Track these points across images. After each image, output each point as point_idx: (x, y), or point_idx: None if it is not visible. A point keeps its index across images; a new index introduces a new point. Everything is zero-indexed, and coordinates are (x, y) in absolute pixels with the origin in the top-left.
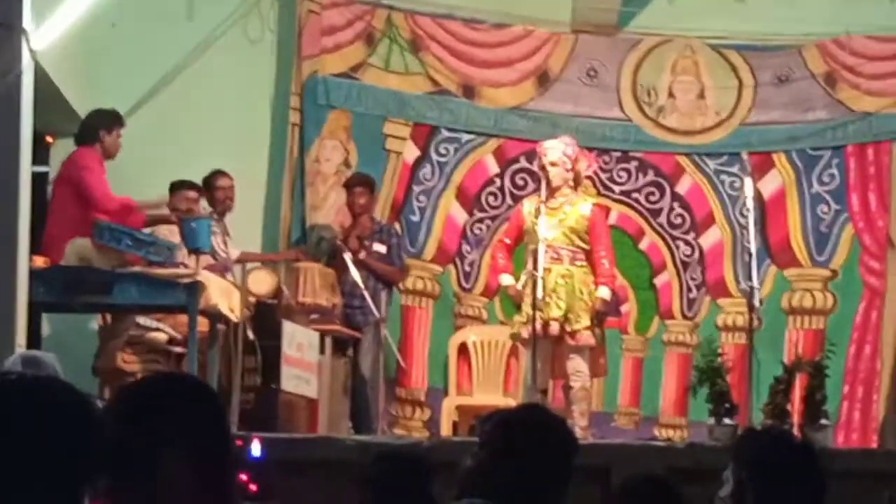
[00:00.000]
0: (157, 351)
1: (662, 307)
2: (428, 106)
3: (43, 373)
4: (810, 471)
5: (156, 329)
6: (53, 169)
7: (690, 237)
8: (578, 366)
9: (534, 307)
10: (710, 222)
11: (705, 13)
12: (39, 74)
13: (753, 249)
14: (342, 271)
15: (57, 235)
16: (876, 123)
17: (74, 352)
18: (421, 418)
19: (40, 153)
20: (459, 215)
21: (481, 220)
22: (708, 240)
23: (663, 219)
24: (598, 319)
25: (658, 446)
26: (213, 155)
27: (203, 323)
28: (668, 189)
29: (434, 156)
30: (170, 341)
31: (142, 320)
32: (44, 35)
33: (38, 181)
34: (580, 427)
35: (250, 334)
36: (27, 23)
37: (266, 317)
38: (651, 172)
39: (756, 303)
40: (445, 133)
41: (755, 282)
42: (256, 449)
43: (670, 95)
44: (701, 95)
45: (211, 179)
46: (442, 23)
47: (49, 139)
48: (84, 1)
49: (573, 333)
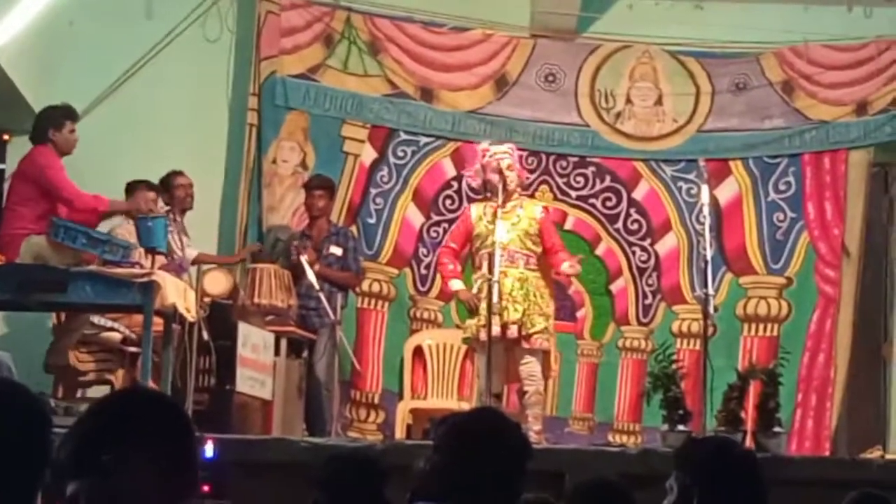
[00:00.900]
0: (112, 350)
1: (618, 313)
2: (386, 108)
3: None
4: (753, 477)
5: (110, 328)
6: (10, 166)
7: (647, 243)
8: (533, 370)
9: (489, 311)
10: (667, 229)
11: (664, 20)
12: None
13: (709, 256)
14: (298, 273)
15: (13, 233)
16: (832, 132)
17: (30, 350)
18: (375, 421)
19: None
20: (416, 218)
21: (438, 224)
22: (664, 246)
23: (620, 224)
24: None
25: (612, 452)
26: (170, 155)
27: (158, 323)
28: (625, 195)
29: (391, 158)
30: (124, 341)
31: (97, 319)
32: (2, 32)
33: None
34: (534, 431)
35: (205, 335)
36: None
37: (221, 317)
38: (608, 178)
39: (711, 310)
40: (403, 136)
41: (710, 289)
42: (210, 450)
43: (628, 101)
44: (658, 102)
45: (169, 179)
46: (401, 25)
47: (6, 136)
48: None
49: (528, 337)
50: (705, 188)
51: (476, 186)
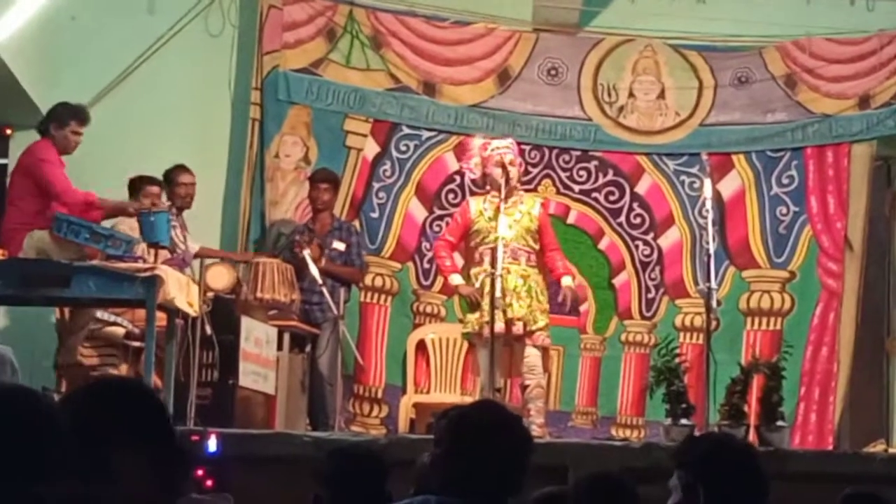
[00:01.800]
0: (115, 345)
1: (621, 307)
2: (388, 103)
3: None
4: (754, 470)
5: (114, 323)
6: (12, 161)
7: (649, 237)
8: (535, 363)
9: (492, 306)
10: (670, 223)
11: (666, 14)
12: None
13: (712, 250)
14: (301, 268)
15: (15, 228)
16: (835, 126)
17: (32, 345)
18: (378, 416)
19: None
20: (419, 212)
21: (441, 218)
22: (667, 240)
23: (623, 219)
24: (574, 306)
25: (615, 446)
26: (173, 149)
27: (161, 317)
28: (628, 189)
29: (394, 152)
30: (127, 335)
31: (100, 314)
32: (4, 27)
33: None
34: (537, 425)
35: (208, 329)
36: None
37: (224, 312)
38: (611, 172)
39: (714, 304)
40: (406, 130)
41: (713, 283)
42: (213, 444)
43: (631, 95)
44: (661, 95)
45: (173, 174)
46: (403, 20)
47: (8, 131)
48: None
49: (531, 334)
50: (708, 182)
51: (476, 179)
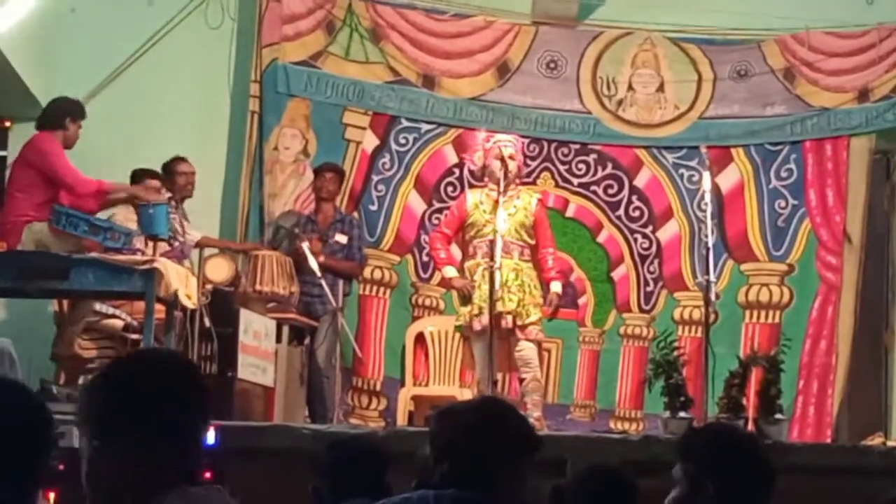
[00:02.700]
0: (114, 337)
1: (619, 300)
2: (388, 95)
3: None
4: (758, 459)
5: (112, 315)
6: (11, 153)
7: (648, 230)
8: (529, 357)
9: (492, 299)
10: (668, 216)
11: (665, 7)
12: None
13: (711, 243)
14: (301, 261)
15: (14, 220)
16: (834, 119)
17: (31, 337)
18: (377, 408)
19: None
20: (418, 205)
21: (440, 211)
22: (666, 233)
23: (621, 212)
24: (554, 313)
25: (613, 439)
26: (172, 141)
27: (160, 310)
28: (627, 182)
29: (393, 145)
30: (126, 328)
31: (99, 306)
32: (3, 19)
33: None
34: (534, 418)
35: (207, 322)
36: None
37: (223, 304)
38: (610, 165)
39: (712, 297)
40: (405, 123)
41: (712, 276)
42: (211, 437)
43: (630, 88)
44: (660, 89)
45: (171, 165)
46: (403, 12)
47: (7, 123)
48: None
49: (523, 328)
50: (707, 175)
51: (475, 171)
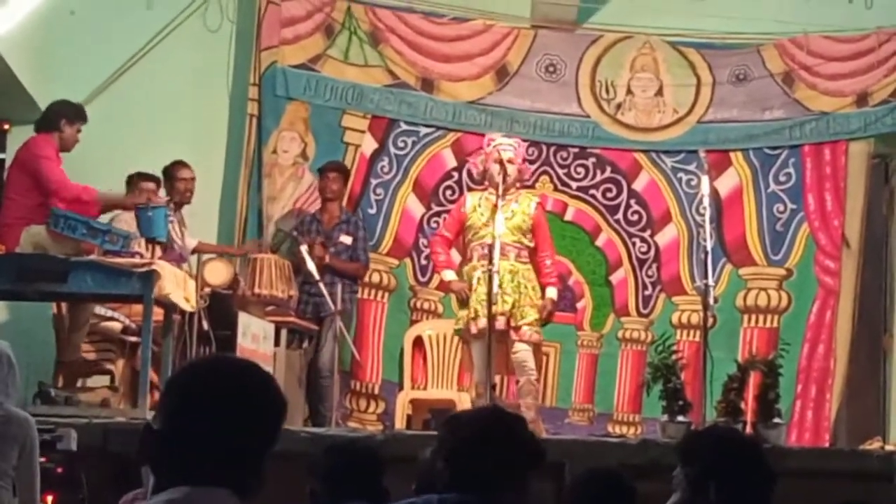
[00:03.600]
0: (112, 340)
1: (618, 304)
2: (386, 99)
3: None
4: (761, 462)
5: (110, 318)
6: (10, 156)
7: (647, 234)
8: (525, 359)
9: (489, 302)
10: (667, 220)
11: (665, 11)
12: None
13: (709, 247)
14: (300, 263)
15: (12, 223)
16: (833, 123)
17: (30, 340)
18: (375, 411)
19: None
20: (416, 209)
21: (438, 214)
22: (664, 237)
23: (620, 216)
24: (547, 319)
25: (611, 442)
26: (171, 145)
27: (158, 313)
28: (626, 186)
29: (392, 149)
30: (124, 330)
31: (97, 309)
32: (2, 22)
33: None
34: (528, 420)
35: (205, 325)
36: None
37: (221, 307)
38: (608, 169)
39: (711, 301)
40: (404, 126)
41: (710, 280)
42: None
43: (629, 92)
44: (659, 92)
45: (172, 169)
46: (402, 16)
47: (6, 126)
48: None
49: (518, 329)
50: (705, 179)
51: (476, 174)
